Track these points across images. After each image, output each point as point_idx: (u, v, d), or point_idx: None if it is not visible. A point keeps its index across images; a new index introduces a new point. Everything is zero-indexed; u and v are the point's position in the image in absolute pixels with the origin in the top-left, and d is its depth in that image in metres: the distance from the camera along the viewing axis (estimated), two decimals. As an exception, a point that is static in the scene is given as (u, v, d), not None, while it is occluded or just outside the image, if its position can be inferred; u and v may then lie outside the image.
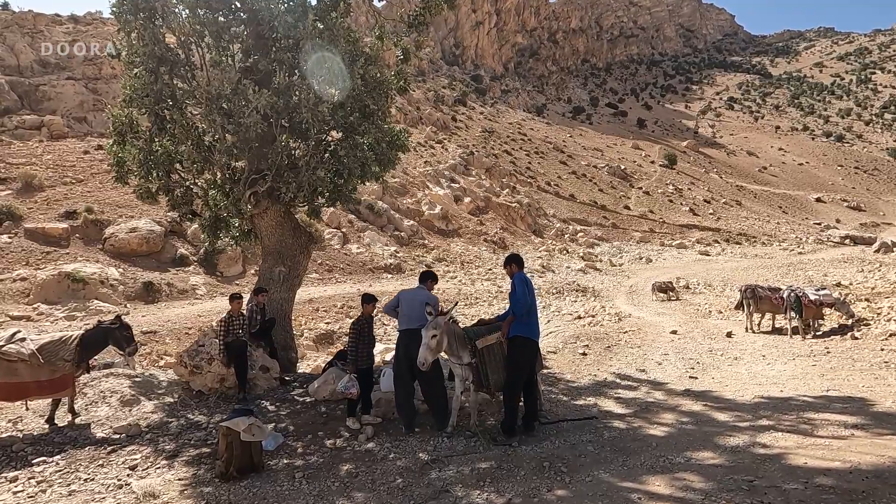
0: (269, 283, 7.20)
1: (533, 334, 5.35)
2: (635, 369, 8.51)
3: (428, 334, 4.92)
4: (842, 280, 22.30)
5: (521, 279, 5.27)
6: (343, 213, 25.34)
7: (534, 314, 5.42)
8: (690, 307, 16.08)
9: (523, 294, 5.21)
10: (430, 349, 4.90)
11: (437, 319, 5.01)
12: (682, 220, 52.87)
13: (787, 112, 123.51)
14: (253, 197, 6.15)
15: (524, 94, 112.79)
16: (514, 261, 5.51)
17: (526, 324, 5.27)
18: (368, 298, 5.97)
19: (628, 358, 9.26)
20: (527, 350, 5.30)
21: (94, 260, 14.73)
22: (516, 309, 5.21)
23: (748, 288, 11.43)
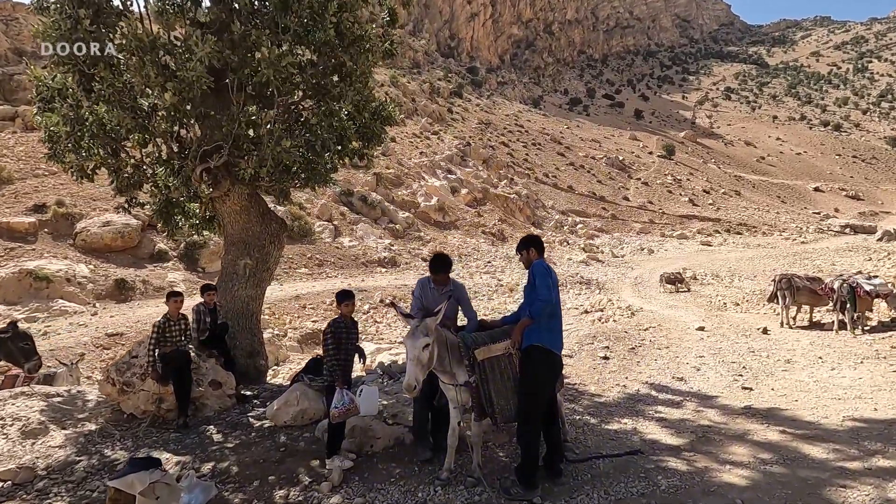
0: (233, 278, 6.17)
1: (556, 344, 4.01)
2: (671, 377, 7.22)
3: (417, 345, 3.59)
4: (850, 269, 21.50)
5: (542, 269, 3.94)
6: (335, 205, 24.32)
7: (557, 317, 4.03)
8: (701, 299, 15.18)
9: (546, 289, 3.84)
10: (422, 365, 3.60)
11: (426, 322, 3.68)
12: (681, 210, 52.50)
13: (785, 102, 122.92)
14: (206, 174, 5.14)
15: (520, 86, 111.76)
16: (532, 244, 4.19)
17: (547, 329, 3.94)
18: (344, 296, 4.67)
19: (659, 362, 7.99)
20: (547, 366, 3.94)
21: (63, 256, 13.68)
22: (534, 309, 3.85)
23: (783, 278, 10.26)
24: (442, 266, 4.36)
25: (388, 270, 19.85)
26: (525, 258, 4.21)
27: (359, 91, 5.17)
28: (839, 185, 75.44)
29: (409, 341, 3.64)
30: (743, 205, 58.66)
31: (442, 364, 3.82)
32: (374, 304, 14.18)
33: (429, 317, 3.75)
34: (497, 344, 3.99)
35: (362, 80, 5.22)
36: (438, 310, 3.80)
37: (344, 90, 4.95)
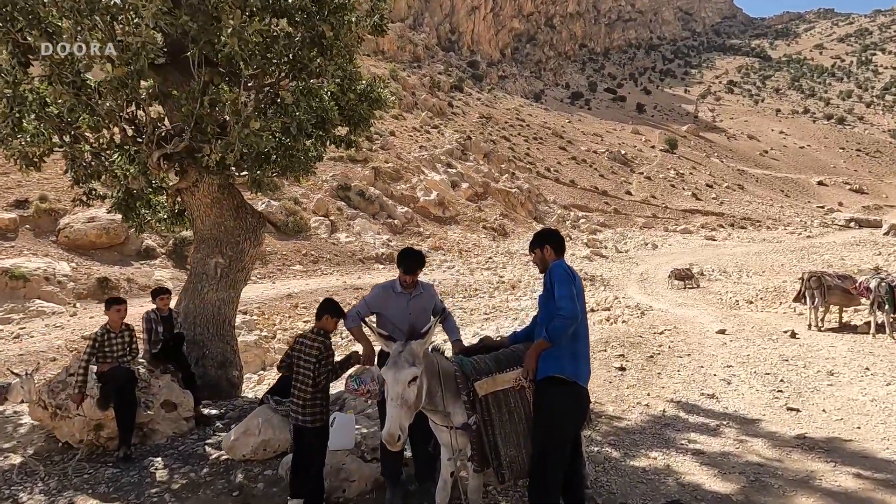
0: (203, 279, 5.55)
1: (581, 375, 3.06)
2: (699, 393, 6.32)
3: (401, 378, 2.68)
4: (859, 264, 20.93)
5: (563, 273, 3.03)
6: (331, 200, 23.72)
7: (583, 338, 3.10)
8: (711, 296, 14.57)
9: (569, 300, 2.91)
10: (407, 407, 2.69)
11: (411, 347, 2.79)
12: (684, 205, 52.13)
13: (788, 95, 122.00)
14: (165, 161, 4.54)
15: (521, 80, 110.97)
16: (548, 240, 3.21)
17: (570, 355, 3.00)
18: (329, 309, 3.62)
19: (682, 373, 7.10)
20: (571, 405, 3.00)
21: (44, 254, 13.10)
22: (554, 328, 2.91)
23: (813, 276, 9.40)
24: (417, 262, 3.57)
25: (385, 267, 19.26)
26: (539, 258, 3.23)
27: (341, 67, 4.55)
28: (843, 179, 74.94)
29: (389, 374, 2.67)
30: (746, 199, 58.26)
31: (433, 401, 2.90)
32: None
33: (415, 338, 2.85)
34: (505, 374, 3.03)
35: (345, 55, 4.60)
36: (427, 329, 2.90)
37: (323, 65, 4.33)
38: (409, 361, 2.72)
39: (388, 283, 3.67)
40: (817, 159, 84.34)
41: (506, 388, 3.03)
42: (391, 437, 2.59)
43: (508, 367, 3.12)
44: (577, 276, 3.12)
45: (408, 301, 3.57)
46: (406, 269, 3.54)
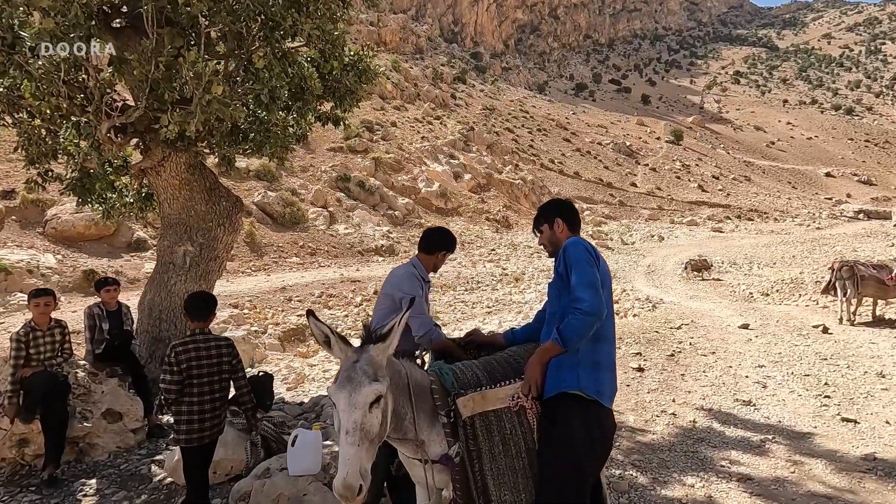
0: (170, 269, 5.03)
1: (605, 390, 2.27)
2: (732, 399, 5.54)
3: (358, 401, 1.90)
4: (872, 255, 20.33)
5: (581, 253, 2.27)
6: (330, 191, 23.19)
7: (608, 340, 2.32)
8: (724, 288, 14.00)
9: (590, 289, 2.16)
10: (368, 441, 1.89)
11: (369, 353, 2.00)
12: (690, 196, 51.65)
13: (795, 85, 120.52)
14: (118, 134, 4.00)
15: (525, 72, 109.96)
16: (559, 212, 2.50)
17: (590, 363, 2.24)
18: (213, 306, 3.28)
19: (709, 375, 6.31)
20: (592, 430, 2.20)
21: (29, 245, 12.64)
22: (568, 327, 2.17)
23: (844, 266, 8.69)
24: (451, 242, 3.09)
25: (385, 259, 18.75)
26: (547, 237, 2.50)
27: (319, 27, 3.99)
28: (851, 170, 74.16)
29: (342, 395, 1.87)
30: (753, 191, 57.65)
31: (400, 426, 2.12)
32: (367, 296, 13.07)
33: (374, 340, 2.00)
34: (499, 388, 2.25)
35: (325, 13, 4.04)
36: (391, 327, 2.02)
37: (299, 23, 3.78)
38: (368, 375, 1.89)
39: (412, 271, 2.98)
40: (825, 150, 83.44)
41: (499, 409, 2.21)
42: (348, 490, 1.75)
43: (504, 378, 2.31)
44: (600, 257, 2.32)
45: (427, 292, 3.07)
46: (451, 249, 3.12)
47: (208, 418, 3.07)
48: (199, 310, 3.16)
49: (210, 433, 3.09)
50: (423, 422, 2.18)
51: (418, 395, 2.19)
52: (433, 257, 3.07)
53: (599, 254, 2.38)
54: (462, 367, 2.37)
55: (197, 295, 3.34)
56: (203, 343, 3.11)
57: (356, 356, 1.98)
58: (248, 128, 4.59)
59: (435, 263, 3.09)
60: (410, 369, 2.23)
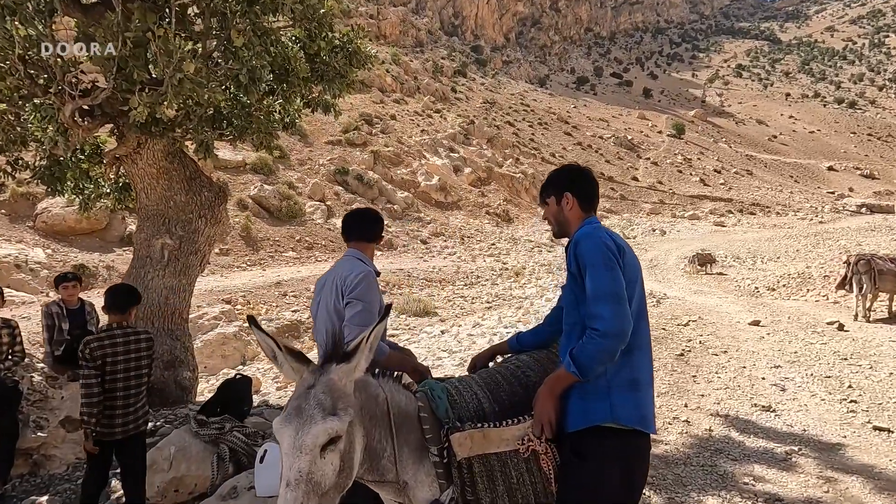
0: (147, 264, 4.75)
1: (648, 415, 1.83)
2: (750, 404, 5.15)
3: (304, 441, 1.38)
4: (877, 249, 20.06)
5: (601, 250, 1.79)
6: (328, 185, 22.88)
7: (643, 349, 1.86)
8: (728, 283, 13.74)
9: (613, 300, 1.71)
10: (312, 492, 1.35)
11: (328, 376, 1.49)
12: (692, 190, 51.45)
13: (798, 79, 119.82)
14: (86, 118, 3.71)
15: (526, 65, 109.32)
16: (570, 184, 2.01)
17: (628, 384, 1.79)
18: (134, 298, 3.15)
19: (723, 376, 5.93)
20: (632, 468, 1.78)
21: (18, 240, 12.37)
22: (588, 356, 1.72)
23: (861, 259, 8.31)
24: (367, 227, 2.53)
25: (383, 253, 18.48)
26: (553, 214, 2.02)
27: (303, 1, 3.69)
28: (853, 164, 73.87)
29: (285, 433, 1.42)
30: (755, 184, 57.45)
31: (377, 466, 1.67)
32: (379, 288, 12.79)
33: (340, 359, 1.53)
34: (504, 428, 1.77)
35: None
36: (358, 343, 1.55)
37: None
38: (324, 407, 1.42)
39: (366, 268, 2.37)
40: (827, 144, 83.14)
41: (505, 451, 1.74)
42: None
43: (511, 399, 1.87)
44: (627, 249, 1.86)
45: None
46: (380, 235, 2.56)
47: (120, 415, 2.96)
48: (115, 303, 3.03)
49: (123, 430, 2.97)
50: (408, 459, 1.71)
51: (402, 425, 1.71)
52: (374, 245, 2.56)
53: (623, 243, 1.89)
54: (458, 387, 1.91)
55: (116, 287, 3.21)
56: (120, 337, 2.99)
57: (312, 379, 1.49)
58: (230, 113, 4.30)
59: (374, 251, 2.58)
60: (392, 392, 1.74)
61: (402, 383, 1.84)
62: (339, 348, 1.55)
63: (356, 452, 1.50)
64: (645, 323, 1.88)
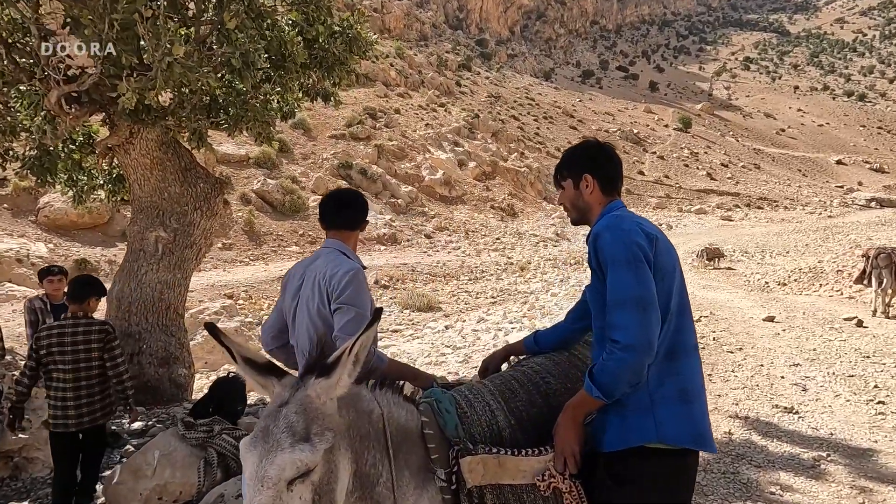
0: (140, 258, 4.62)
1: (705, 431, 1.55)
2: (771, 405, 4.88)
3: (268, 472, 1.16)
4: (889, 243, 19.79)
5: (620, 244, 1.53)
6: (332, 179, 22.74)
7: (688, 351, 1.58)
8: (737, 278, 13.52)
9: (637, 308, 1.45)
10: None
11: (305, 393, 1.27)
12: (699, 184, 51.13)
13: (807, 71, 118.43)
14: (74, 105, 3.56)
15: (531, 59, 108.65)
16: (588, 165, 1.75)
17: (677, 396, 1.52)
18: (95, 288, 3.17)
19: (740, 375, 5.66)
20: (682, 494, 1.55)
21: (20, 234, 12.32)
22: (611, 374, 1.47)
23: (881, 253, 8.00)
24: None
25: (387, 248, 18.36)
26: (570, 198, 1.78)
27: (299, -19, 3.52)
28: (863, 158, 73.17)
29: (250, 459, 1.21)
30: (763, 178, 57.00)
31: (370, 496, 1.39)
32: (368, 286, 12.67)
33: (320, 372, 1.30)
34: (523, 458, 1.53)
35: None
36: (338, 356, 1.30)
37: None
38: (294, 432, 1.20)
39: (353, 264, 2.08)
40: (836, 137, 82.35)
41: (522, 485, 1.51)
42: None
43: (529, 411, 1.63)
44: (661, 236, 1.61)
45: None
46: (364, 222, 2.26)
47: (72, 406, 2.97)
48: (72, 292, 3.07)
49: (77, 422, 2.98)
50: (409, 484, 1.45)
51: (402, 445, 1.46)
52: (357, 234, 2.26)
53: (654, 229, 1.61)
54: (469, 396, 1.65)
55: (77, 277, 3.22)
56: (71, 328, 2.99)
57: (287, 395, 1.28)
58: (226, 101, 4.15)
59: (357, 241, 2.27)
60: (390, 406, 1.50)
61: (404, 394, 1.60)
62: (324, 359, 1.33)
63: (339, 483, 1.25)
64: (688, 320, 1.61)
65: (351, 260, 2.12)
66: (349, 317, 1.93)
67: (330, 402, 1.29)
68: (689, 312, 1.64)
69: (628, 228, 1.56)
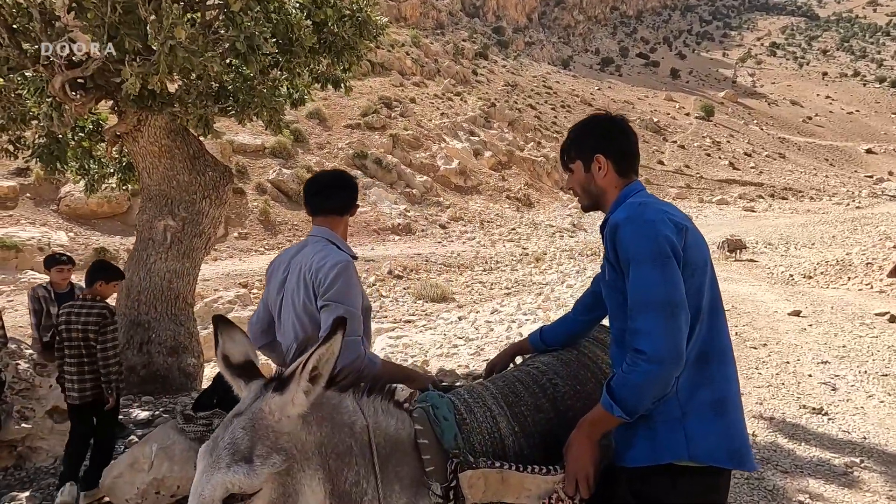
0: (149, 246, 4.60)
1: (743, 447, 1.37)
2: (798, 405, 4.62)
3: (201, 489, 1.06)
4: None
5: (644, 237, 1.32)
6: (346, 168, 22.73)
7: (724, 353, 1.39)
8: (759, 270, 13.16)
9: (663, 313, 1.26)
10: None
11: (259, 406, 1.15)
12: (720, 174, 50.02)
13: (836, 57, 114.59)
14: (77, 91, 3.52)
15: (549, 47, 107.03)
16: (602, 144, 1.52)
17: (710, 408, 1.33)
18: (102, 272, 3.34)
19: (764, 373, 5.38)
20: None
21: (42, 223, 12.54)
22: (633, 387, 1.28)
23: None
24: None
25: (401, 238, 18.32)
26: (580, 182, 1.57)
27: (306, -39, 3.40)
28: (894, 147, 70.67)
29: (198, 468, 1.11)
30: (788, 168, 55.51)
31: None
32: (380, 275, 12.64)
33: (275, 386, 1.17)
34: (528, 475, 1.36)
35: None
36: (293, 371, 1.16)
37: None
38: (235, 450, 1.08)
39: (342, 255, 1.87)
40: (866, 125, 79.74)
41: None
42: None
43: (535, 417, 1.49)
44: (690, 225, 1.41)
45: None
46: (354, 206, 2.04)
47: (76, 381, 3.23)
48: (85, 277, 3.29)
49: (80, 395, 3.23)
50: (398, 498, 1.31)
51: (391, 457, 1.31)
52: (347, 219, 2.02)
53: (683, 218, 1.41)
54: (469, 401, 1.50)
55: (92, 263, 3.45)
56: (78, 308, 3.24)
57: (245, 403, 1.17)
58: (233, 87, 4.07)
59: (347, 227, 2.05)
60: (377, 415, 1.34)
61: (396, 400, 1.43)
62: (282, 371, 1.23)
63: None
64: (721, 320, 1.43)
65: (340, 251, 1.90)
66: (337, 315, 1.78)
67: (286, 420, 1.15)
68: (723, 311, 1.46)
69: (653, 219, 1.34)
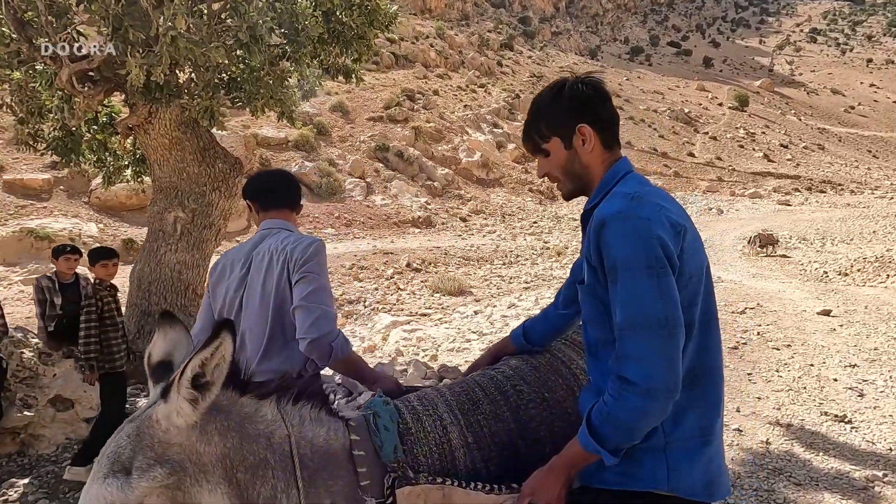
0: (159, 238, 4.67)
1: (721, 479, 1.23)
2: (819, 412, 4.33)
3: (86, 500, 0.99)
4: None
5: (635, 241, 1.11)
6: (369, 161, 22.81)
7: (713, 372, 1.22)
8: (792, 266, 12.64)
9: (653, 332, 1.06)
10: None
11: (148, 413, 1.06)
12: (754, 167, 48.35)
13: (882, 43, 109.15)
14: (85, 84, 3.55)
15: (576, 36, 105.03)
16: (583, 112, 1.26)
17: (697, 437, 1.19)
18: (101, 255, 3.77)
19: (785, 376, 5.07)
20: None
21: (74, 214, 12.97)
22: (618, 422, 1.10)
23: None
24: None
25: (421, 231, 18.31)
26: (559, 165, 1.36)
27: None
28: (945, 137, 67.15)
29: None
30: (827, 160, 53.29)
31: None
32: (399, 268, 12.65)
33: (162, 392, 1.07)
34: (475, 493, 1.22)
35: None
36: (173, 379, 1.04)
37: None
38: (116, 459, 1.00)
39: (316, 237, 1.88)
40: (914, 115, 75.92)
41: None
42: None
43: (494, 426, 1.34)
44: (689, 224, 1.21)
45: None
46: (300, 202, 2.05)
47: (93, 350, 3.60)
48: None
49: (100, 365, 3.62)
50: None
51: (320, 471, 1.19)
52: (296, 216, 2.02)
53: (680, 215, 1.20)
54: (418, 408, 1.37)
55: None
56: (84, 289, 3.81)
57: (142, 409, 1.10)
58: (241, 78, 4.07)
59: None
60: (303, 424, 1.22)
61: (330, 407, 1.29)
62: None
63: None
64: (715, 338, 1.24)
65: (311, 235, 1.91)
66: (311, 287, 1.68)
67: (175, 430, 1.04)
68: (717, 325, 1.26)
69: (648, 216, 1.12)
